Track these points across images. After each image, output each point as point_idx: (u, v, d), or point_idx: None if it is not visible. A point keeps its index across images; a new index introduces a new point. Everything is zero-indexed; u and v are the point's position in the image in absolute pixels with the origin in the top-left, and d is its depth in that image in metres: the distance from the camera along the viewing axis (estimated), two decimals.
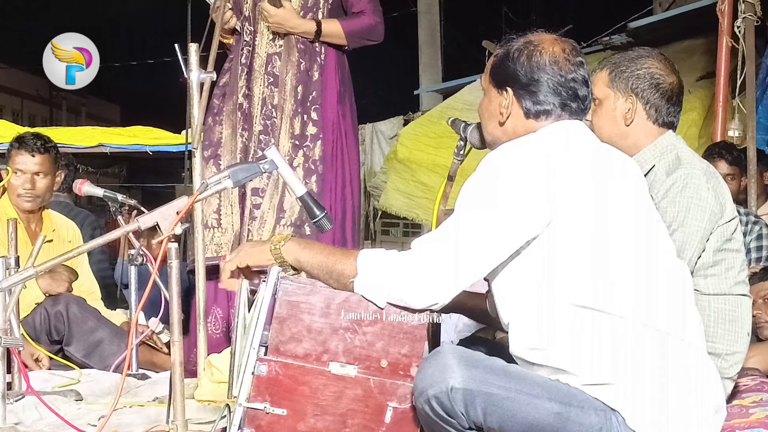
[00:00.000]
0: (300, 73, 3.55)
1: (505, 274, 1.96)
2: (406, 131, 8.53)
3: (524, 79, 2.02)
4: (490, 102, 2.11)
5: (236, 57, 3.57)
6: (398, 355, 1.97)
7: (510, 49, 2.06)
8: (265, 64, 3.54)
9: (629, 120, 2.51)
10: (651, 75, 2.50)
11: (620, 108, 2.51)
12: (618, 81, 2.52)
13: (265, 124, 3.52)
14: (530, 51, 2.03)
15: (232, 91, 3.55)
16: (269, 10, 3.46)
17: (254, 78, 3.54)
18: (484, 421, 1.82)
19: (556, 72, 2.01)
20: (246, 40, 3.56)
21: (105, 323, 3.64)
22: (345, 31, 3.58)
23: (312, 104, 3.55)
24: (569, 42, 2.07)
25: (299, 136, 3.52)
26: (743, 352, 2.46)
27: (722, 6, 4.66)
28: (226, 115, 3.55)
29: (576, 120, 2.05)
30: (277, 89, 3.53)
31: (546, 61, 2.02)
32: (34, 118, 19.70)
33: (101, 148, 7.05)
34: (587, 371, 1.86)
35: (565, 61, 2.02)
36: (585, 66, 2.06)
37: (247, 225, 3.49)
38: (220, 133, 3.55)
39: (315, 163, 3.52)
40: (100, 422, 2.45)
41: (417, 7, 11.44)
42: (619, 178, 1.98)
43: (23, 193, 3.77)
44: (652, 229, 1.98)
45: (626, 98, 2.51)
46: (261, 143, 3.50)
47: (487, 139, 2.18)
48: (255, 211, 3.49)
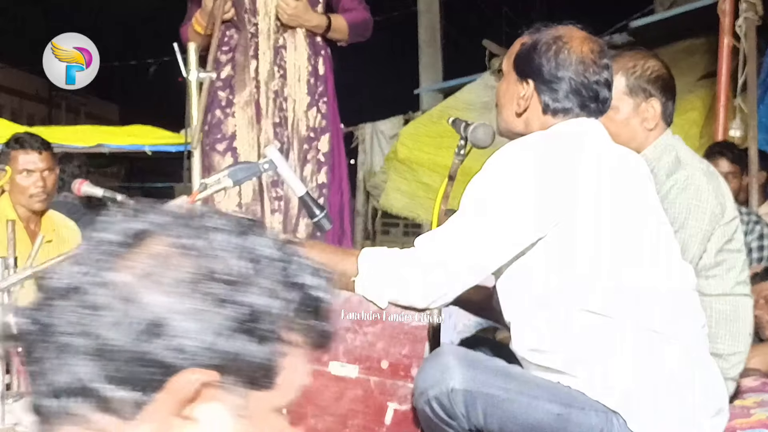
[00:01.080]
0: (310, 66, 3.58)
1: (509, 274, 1.94)
2: (406, 131, 8.52)
3: (548, 75, 1.99)
4: (509, 87, 2.07)
5: (240, 49, 3.55)
6: (399, 356, 1.96)
7: (539, 40, 2.02)
8: (273, 56, 3.54)
9: (653, 123, 2.44)
10: (661, 76, 2.47)
11: (642, 112, 2.44)
12: (635, 87, 2.43)
13: (281, 117, 3.54)
14: (558, 47, 1.99)
15: (243, 83, 3.54)
16: (288, 2, 3.48)
17: (264, 71, 3.54)
18: (485, 423, 1.81)
19: (581, 73, 1.98)
20: (251, 32, 3.55)
21: None
22: (349, 24, 3.62)
23: (320, 97, 3.60)
24: (598, 42, 2.03)
25: (313, 129, 3.57)
26: (745, 352, 2.46)
27: (723, 5, 4.65)
28: (238, 107, 3.54)
29: (592, 119, 2.02)
30: (288, 82, 3.55)
31: (573, 60, 1.98)
32: (33, 117, 19.68)
33: (100, 147, 7.06)
34: (588, 374, 1.85)
35: (591, 63, 1.98)
36: (610, 68, 2.03)
37: (269, 218, 3.50)
38: (234, 126, 3.54)
39: (325, 155, 3.58)
40: None
41: (417, 7, 11.43)
42: (629, 179, 1.95)
43: (36, 193, 3.74)
44: (659, 231, 1.97)
45: (647, 102, 2.44)
46: (278, 135, 3.52)
47: (500, 125, 2.14)
48: (276, 202, 3.51)
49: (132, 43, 18.87)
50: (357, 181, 9.35)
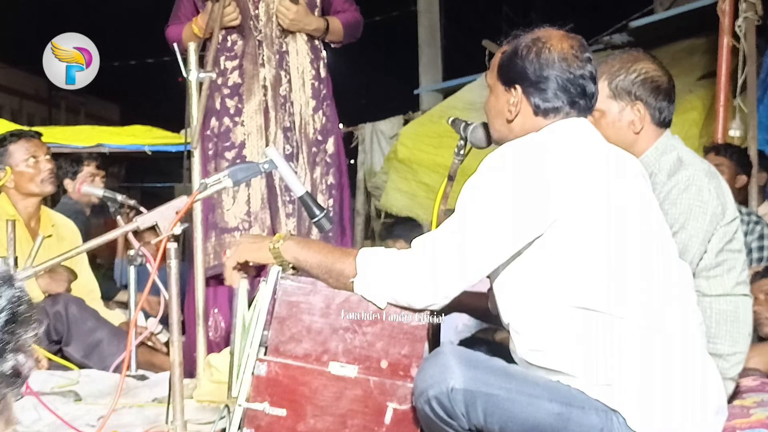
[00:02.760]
0: (313, 69, 3.60)
1: (506, 275, 1.95)
2: (406, 131, 8.51)
3: (533, 76, 2.01)
4: (497, 99, 2.09)
5: (249, 57, 3.55)
6: (398, 356, 1.96)
7: (518, 46, 2.04)
8: (278, 61, 3.55)
9: (638, 128, 2.47)
10: (650, 78, 2.47)
11: (626, 117, 2.47)
12: (619, 90, 2.47)
13: (290, 122, 3.54)
14: (539, 48, 2.01)
15: (252, 92, 3.54)
16: (289, 7, 3.48)
17: (270, 76, 3.54)
18: (485, 422, 1.81)
19: (565, 69, 2.00)
20: (258, 39, 3.55)
21: (104, 323, 3.63)
22: (343, 26, 3.65)
23: (324, 100, 3.63)
24: (577, 38, 2.06)
25: (320, 131, 3.60)
26: (744, 352, 2.46)
27: (723, 5, 4.65)
28: (248, 116, 3.54)
29: (582, 118, 2.04)
30: (293, 86, 3.56)
31: (555, 58, 2.00)
32: (33, 117, 19.66)
33: (100, 147, 7.05)
34: (588, 373, 1.85)
35: (573, 58, 2.01)
36: (592, 62, 2.05)
37: (284, 223, 3.50)
38: (244, 134, 3.54)
39: (332, 157, 3.62)
40: (99, 423, 2.45)
41: (417, 7, 11.42)
42: (624, 177, 1.96)
43: (47, 176, 3.79)
44: (655, 229, 1.97)
45: (632, 106, 2.47)
46: (288, 140, 3.53)
47: (494, 137, 2.17)
48: (290, 206, 3.52)
49: (132, 43, 18.85)
50: (357, 181, 9.33)
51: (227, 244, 3.47)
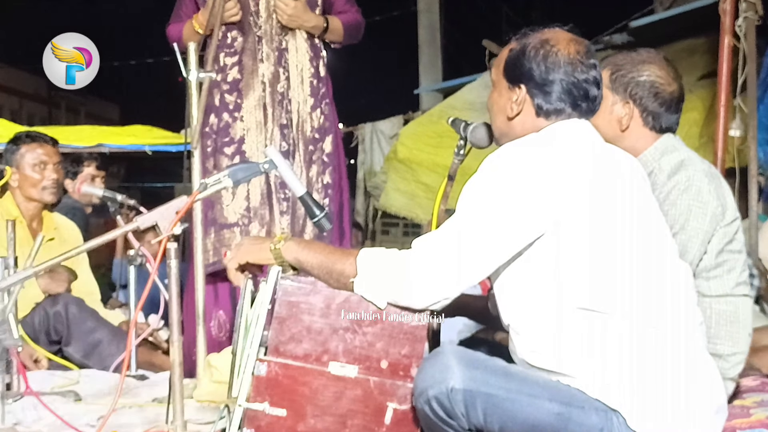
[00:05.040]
0: (312, 68, 3.59)
1: (506, 276, 1.95)
2: (406, 131, 8.51)
3: (539, 78, 2.01)
4: (500, 96, 2.10)
5: (248, 53, 3.55)
6: (398, 356, 1.96)
7: (526, 46, 2.05)
8: (277, 58, 3.55)
9: (624, 126, 2.48)
10: (651, 83, 2.47)
11: (617, 112, 2.48)
12: (618, 84, 2.48)
13: (287, 119, 3.54)
14: (546, 51, 2.02)
15: (251, 87, 3.54)
16: (288, 2, 3.48)
17: (269, 73, 3.54)
18: (485, 422, 1.81)
19: (570, 73, 2.01)
20: (258, 35, 3.55)
21: (104, 324, 3.64)
22: (344, 26, 3.64)
23: (323, 99, 3.62)
24: (584, 42, 2.07)
25: (317, 130, 3.59)
26: (745, 352, 2.46)
27: (723, 5, 4.64)
28: (247, 111, 3.54)
29: (584, 120, 2.04)
30: (292, 83, 3.56)
31: (561, 61, 2.01)
32: (33, 117, 19.66)
33: (100, 147, 7.05)
34: (588, 373, 1.85)
35: (579, 63, 2.01)
36: (598, 68, 2.06)
37: (278, 220, 3.50)
38: (243, 129, 3.54)
39: (329, 156, 3.61)
40: (99, 423, 2.45)
41: (417, 7, 11.42)
42: (624, 178, 1.97)
43: (50, 185, 3.79)
44: (655, 230, 1.97)
45: (624, 103, 2.48)
46: (284, 137, 3.52)
47: (495, 133, 2.17)
48: (284, 203, 3.51)
49: (132, 43, 18.88)
50: (357, 181, 9.33)
51: (226, 240, 3.47)
